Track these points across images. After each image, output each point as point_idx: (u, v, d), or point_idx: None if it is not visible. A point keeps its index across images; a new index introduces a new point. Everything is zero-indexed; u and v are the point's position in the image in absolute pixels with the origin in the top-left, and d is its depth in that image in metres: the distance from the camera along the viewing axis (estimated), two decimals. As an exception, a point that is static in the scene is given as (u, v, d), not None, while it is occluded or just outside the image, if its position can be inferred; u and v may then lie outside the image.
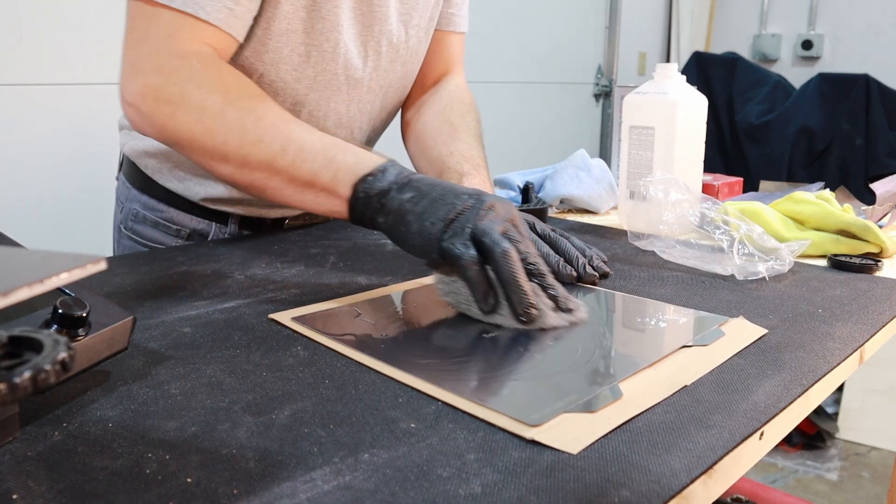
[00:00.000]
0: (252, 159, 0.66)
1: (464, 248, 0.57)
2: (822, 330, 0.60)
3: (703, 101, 0.96)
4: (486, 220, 0.58)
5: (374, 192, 0.62)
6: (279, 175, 0.66)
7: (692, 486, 0.37)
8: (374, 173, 0.63)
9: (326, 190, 0.65)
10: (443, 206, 0.59)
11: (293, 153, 0.66)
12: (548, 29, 2.73)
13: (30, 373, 0.29)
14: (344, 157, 0.65)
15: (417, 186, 0.62)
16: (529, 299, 0.56)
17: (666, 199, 0.85)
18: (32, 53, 1.39)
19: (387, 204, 0.62)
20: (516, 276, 0.56)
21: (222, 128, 0.67)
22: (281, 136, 0.66)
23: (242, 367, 0.50)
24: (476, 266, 0.57)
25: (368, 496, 0.35)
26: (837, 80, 2.64)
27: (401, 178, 0.63)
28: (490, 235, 0.57)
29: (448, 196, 0.60)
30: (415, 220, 0.60)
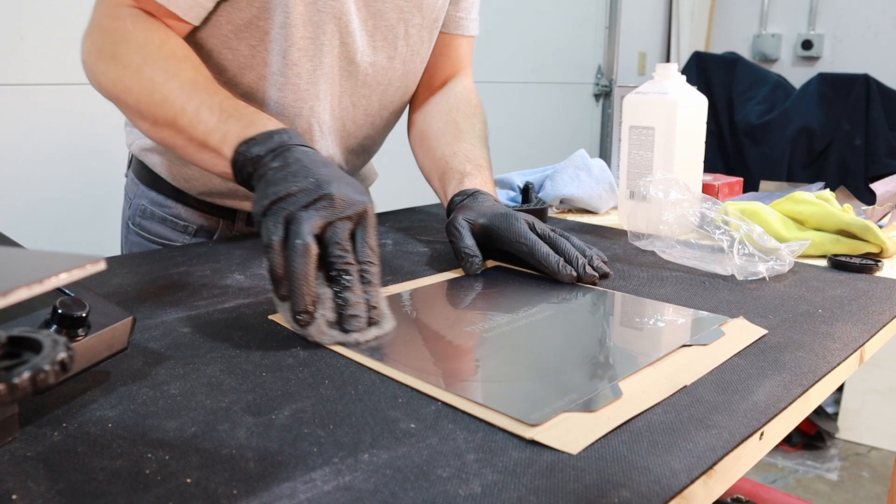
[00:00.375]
0: (159, 117, 0.70)
1: (273, 228, 0.55)
2: (822, 330, 0.60)
3: (703, 101, 0.96)
4: (310, 210, 0.56)
5: (250, 157, 0.64)
6: (181, 134, 0.69)
7: (692, 486, 0.37)
8: (256, 138, 0.64)
9: (216, 151, 0.67)
10: (284, 183, 0.58)
11: (191, 113, 0.68)
12: (548, 29, 2.73)
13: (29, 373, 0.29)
14: (236, 121, 0.67)
15: (286, 157, 0.62)
16: (304, 305, 0.53)
17: (666, 199, 0.85)
18: (33, 53, 1.39)
19: (258, 169, 0.63)
20: (298, 275, 0.53)
21: (136, 86, 0.71)
22: (184, 96, 0.69)
23: (242, 367, 0.50)
24: (276, 251, 0.54)
25: (368, 496, 0.35)
26: (837, 80, 2.64)
27: (281, 147, 0.63)
28: (298, 225, 0.55)
29: (298, 175, 0.59)
30: (262, 189, 0.60)
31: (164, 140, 0.72)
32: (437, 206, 1.15)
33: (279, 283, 0.54)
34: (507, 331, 0.58)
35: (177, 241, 0.92)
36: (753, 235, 0.77)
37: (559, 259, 0.70)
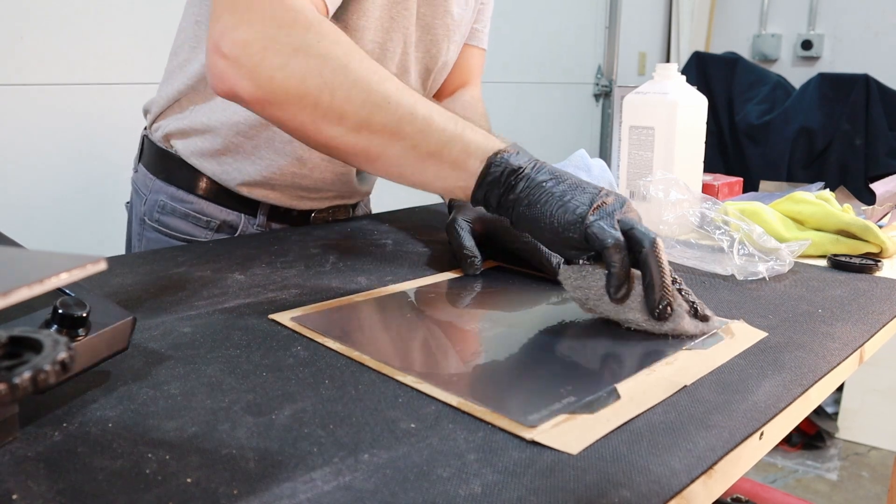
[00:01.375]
0: (375, 121, 0.62)
1: (614, 232, 0.55)
2: (822, 330, 0.60)
3: (703, 101, 0.96)
4: (629, 215, 0.58)
5: (510, 169, 0.60)
6: (403, 142, 0.62)
7: (692, 486, 0.37)
8: (508, 150, 0.62)
9: (454, 163, 0.62)
10: (586, 193, 0.58)
11: (422, 120, 0.62)
12: (548, 29, 2.73)
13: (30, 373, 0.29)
14: (473, 133, 0.63)
15: (552, 171, 0.61)
16: (669, 296, 0.54)
17: (666, 199, 0.85)
18: (33, 53, 1.39)
19: (519, 183, 0.60)
20: (663, 270, 0.54)
21: (345, 83, 0.61)
22: (409, 100, 0.63)
23: (242, 367, 0.50)
24: (623, 252, 0.55)
25: (368, 496, 0.35)
26: (837, 80, 2.64)
27: (532, 161, 0.62)
28: (639, 227, 0.56)
29: (587, 186, 0.59)
30: (556, 200, 0.58)
31: (369, 148, 0.63)
32: (437, 206, 1.15)
33: (621, 286, 0.55)
34: (507, 331, 0.58)
35: (199, 237, 0.90)
36: (753, 235, 0.77)
37: (560, 260, 0.70)
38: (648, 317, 0.55)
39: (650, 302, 0.55)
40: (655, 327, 0.56)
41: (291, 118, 0.63)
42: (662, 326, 0.55)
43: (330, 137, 0.63)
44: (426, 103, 0.64)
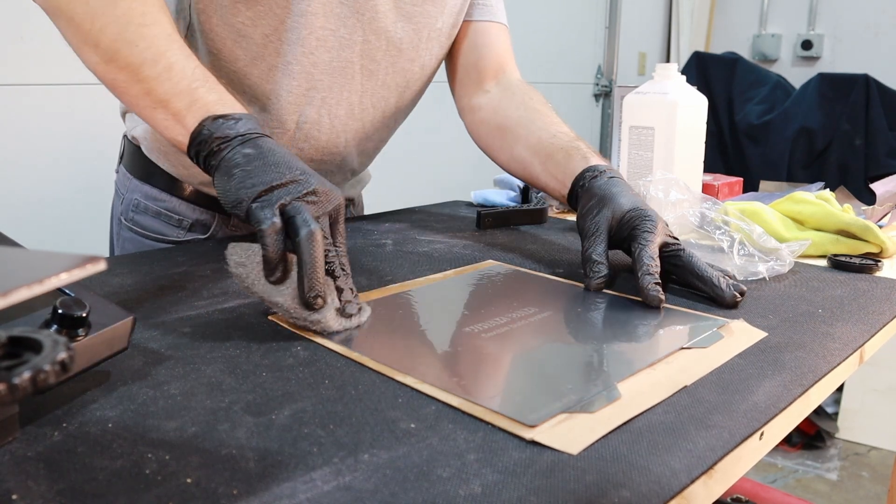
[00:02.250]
0: (121, 57, 0.65)
1: (269, 213, 0.56)
2: (822, 330, 0.60)
3: (703, 101, 0.96)
4: (303, 202, 0.58)
5: (217, 136, 0.62)
6: (140, 84, 0.65)
7: (692, 486, 0.37)
8: (226, 117, 0.63)
9: (176, 115, 0.64)
10: (270, 173, 0.59)
11: (161, 68, 0.65)
12: (548, 29, 2.73)
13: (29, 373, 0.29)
14: (206, 92, 0.65)
15: (260, 146, 0.61)
16: (319, 288, 0.55)
17: (666, 199, 0.85)
18: (33, 53, 1.39)
19: (222, 150, 0.61)
20: (314, 260, 0.55)
21: (106, 15, 0.65)
22: (158, 47, 0.65)
23: (242, 367, 0.50)
24: (276, 235, 0.56)
25: (368, 496, 0.35)
26: (837, 80, 2.64)
27: (250, 133, 0.62)
28: (302, 214, 0.56)
29: (281, 166, 0.60)
30: (240, 175, 0.59)
31: (115, 83, 0.67)
32: (437, 206, 1.15)
33: (274, 268, 0.56)
34: (507, 331, 0.58)
35: (171, 236, 0.90)
36: (753, 235, 0.77)
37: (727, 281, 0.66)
38: (297, 305, 0.56)
39: (300, 290, 0.55)
40: (301, 316, 0.56)
41: (64, 33, 0.69)
42: (309, 317, 0.55)
43: (89, 62, 0.68)
44: (179, 57, 0.66)
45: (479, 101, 0.95)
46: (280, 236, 0.56)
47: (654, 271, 0.65)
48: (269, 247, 0.55)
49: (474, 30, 0.95)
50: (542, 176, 0.84)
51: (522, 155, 0.87)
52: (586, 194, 0.75)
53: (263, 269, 0.56)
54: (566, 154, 0.81)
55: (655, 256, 0.66)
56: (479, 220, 0.99)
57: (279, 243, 0.56)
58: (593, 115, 3.08)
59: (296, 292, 0.56)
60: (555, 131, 0.85)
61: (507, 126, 0.90)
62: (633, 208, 0.71)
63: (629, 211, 0.71)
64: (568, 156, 0.80)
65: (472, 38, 0.95)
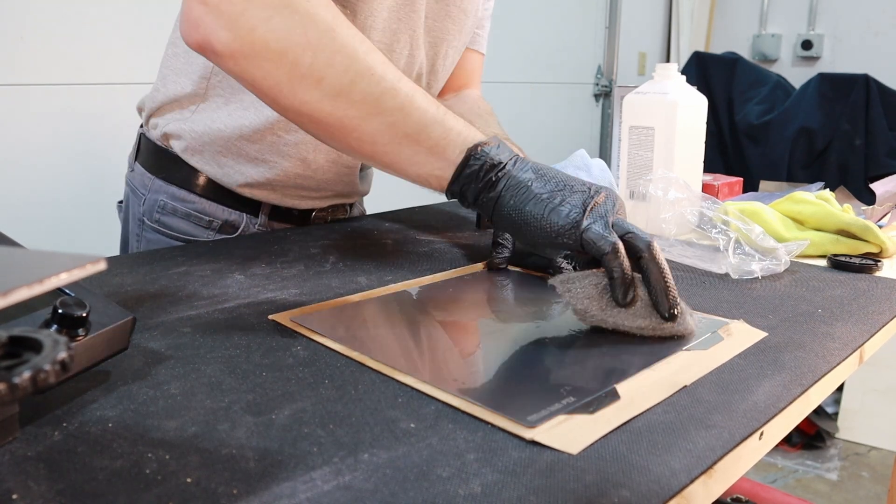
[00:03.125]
0: (356, 90, 0.58)
1: (611, 236, 0.54)
2: (822, 330, 0.60)
3: (703, 101, 0.96)
4: (620, 214, 0.56)
5: (490, 163, 0.57)
6: (381, 117, 0.58)
7: (692, 486, 0.37)
8: (489, 143, 0.59)
9: (433, 148, 0.59)
10: (575, 193, 0.56)
11: (404, 97, 0.58)
12: (548, 29, 2.73)
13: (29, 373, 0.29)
14: (455, 121, 0.60)
15: (535, 168, 0.58)
16: (677, 300, 0.53)
17: (665, 197, 0.85)
18: (33, 53, 1.39)
19: (503, 180, 0.57)
20: (666, 272, 0.53)
21: (330, 46, 0.58)
22: (393, 76, 0.59)
23: (242, 367, 0.50)
24: (622, 257, 0.53)
25: (368, 496, 0.35)
26: (837, 80, 2.64)
27: (514, 155, 0.59)
28: (635, 231, 0.54)
29: (575, 184, 0.57)
30: (545, 202, 0.56)
31: (343, 119, 0.59)
32: (437, 206, 1.15)
33: (628, 291, 0.54)
34: (507, 331, 0.58)
35: (200, 237, 0.89)
36: (752, 235, 0.77)
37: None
38: (656, 321, 0.55)
39: (661, 305, 0.54)
40: (662, 330, 0.55)
41: (266, 76, 0.59)
42: (668, 329, 0.55)
43: (304, 102, 0.60)
44: (410, 83, 0.60)
45: None
46: (625, 257, 0.54)
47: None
48: (620, 271, 0.53)
49: None
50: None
51: None
52: None
53: (613, 294, 0.54)
54: None
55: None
56: (479, 220, 0.99)
57: (627, 264, 0.54)
58: (593, 115, 3.08)
59: (648, 310, 0.55)
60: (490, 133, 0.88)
61: None
62: None
63: None
64: None
65: None
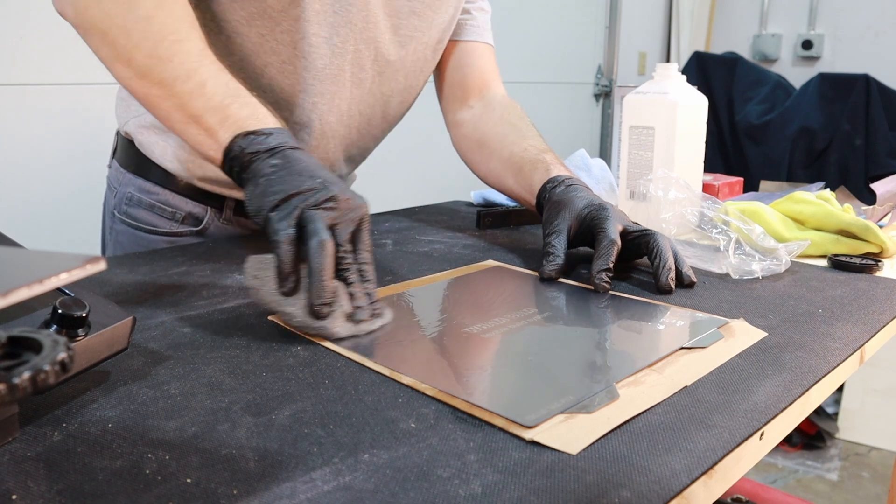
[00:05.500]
0: (154, 73, 0.67)
1: (284, 225, 0.57)
2: (822, 330, 0.60)
3: (703, 101, 0.96)
4: (320, 210, 0.58)
5: (249, 151, 0.63)
6: (173, 99, 0.67)
7: (692, 486, 0.37)
8: (258, 132, 0.64)
9: (208, 131, 0.66)
10: (292, 181, 0.60)
11: (194, 84, 0.66)
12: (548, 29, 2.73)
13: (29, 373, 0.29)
14: (238, 108, 0.66)
15: (287, 156, 0.63)
16: (325, 297, 0.55)
17: (665, 197, 0.85)
18: (33, 53, 1.39)
19: (252, 164, 0.63)
20: (322, 269, 0.55)
21: (141, 32, 0.67)
22: (191, 63, 0.67)
23: (242, 367, 0.50)
24: (288, 245, 0.56)
25: (368, 496, 0.35)
26: (837, 80, 2.64)
27: (280, 147, 0.64)
28: (314, 223, 0.57)
29: (304, 174, 0.61)
30: (263, 185, 0.61)
31: (147, 97, 0.69)
32: (437, 206, 1.15)
33: (286, 279, 0.56)
34: (506, 332, 0.58)
35: (164, 228, 0.91)
36: (753, 235, 0.77)
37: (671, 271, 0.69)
38: (304, 312, 0.55)
39: (308, 299, 0.55)
40: (310, 324, 0.55)
41: (97, 50, 0.70)
42: (314, 324, 0.55)
43: (121, 77, 0.70)
44: (211, 73, 0.67)
45: (463, 117, 0.99)
46: (292, 247, 0.57)
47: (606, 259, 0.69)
48: (282, 257, 0.56)
49: (461, 49, 0.99)
50: (515, 188, 0.89)
51: (497, 168, 0.92)
52: (548, 204, 0.80)
53: (276, 280, 0.56)
54: (532, 166, 0.86)
55: (614, 238, 0.70)
56: (479, 220, 0.99)
57: (291, 254, 0.56)
58: (593, 115, 3.08)
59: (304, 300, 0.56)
60: (526, 145, 0.89)
61: (485, 141, 0.94)
62: (588, 205, 0.76)
63: (584, 208, 0.76)
64: (534, 168, 0.85)
65: (459, 57, 0.99)
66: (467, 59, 0.99)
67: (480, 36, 1.00)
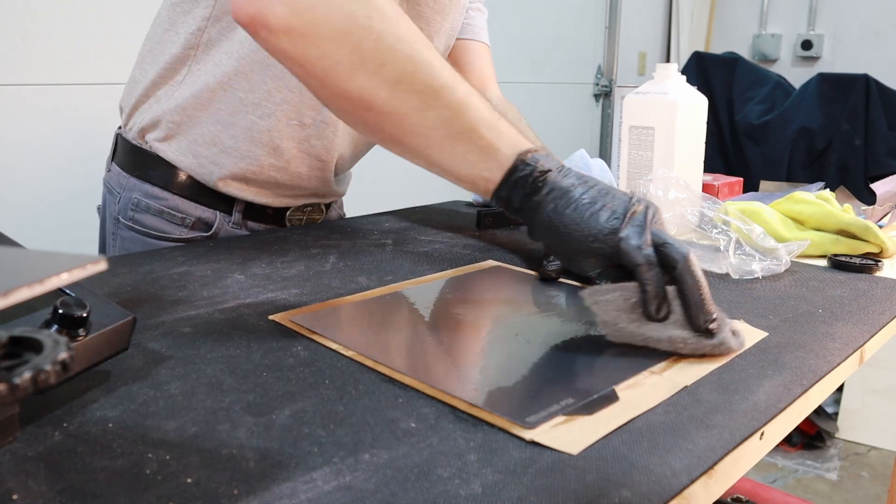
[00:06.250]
0: (416, 80, 0.57)
1: (644, 247, 0.53)
2: (822, 330, 0.60)
3: (703, 101, 0.96)
4: (657, 226, 0.55)
5: (539, 170, 0.57)
6: (437, 110, 0.57)
7: (692, 486, 0.37)
8: (539, 150, 0.58)
9: (484, 149, 0.58)
10: (616, 199, 0.55)
11: (462, 94, 0.57)
12: (548, 29, 2.73)
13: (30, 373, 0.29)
14: (507, 126, 0.59)
15: (578, 176, 0.58)
16: (714, 312, 0.51)
17: (665, 197, 0.85)
18: (33, 54, 1.39)
19: (547, 185, 0.57)
20: (702, 284, 0.51)
21: (392, 33, 0.56)
22: (450, 72, 0.58)
23: (242, 367, 0.50)
24: (655, 269, 0.52)
25: (368, 496, 0.35)
26: (837, 80, 2.64)
27: (560, 165, 0.59)
28: (672, 242, 0.53)
29: (616, 192, 0.56)
30: (585, 207, 0.55)
31: (398, 108, 0.58)
32: (437, 206, 1.15)
33: (661, 304, 0.53)
34: (507, 332, 0.58)
35: (174, 234, 0.90)
36: (753, 235, 0.77)
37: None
38: (690, 335, 0.52)
39: (694, 320, 0.52)
40: (700, 345, 0.52)
41: (325, 55, 0.56)
42: (708, 343, 0.52)
43: (362, 86, 0.57)
44: (466, 84, 0.60)
45: None
46: (658, 269, 0.53)
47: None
48: (652, 282, 0.52)
49: (459, 48, 0.99)
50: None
51: None
52: None
53: (645, 309, 0.53)
54: None
55: None
56: (479, 220, 0.99)
57: (659, 277, 0.53)
58: (593, 115, 3.08)
59: (683, 323, 0.52)
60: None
61: None
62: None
63: None
64: None
65: (457, 55, 0.99)
66: (465, 57, 0.99)
67: (478, 35, 1.00)
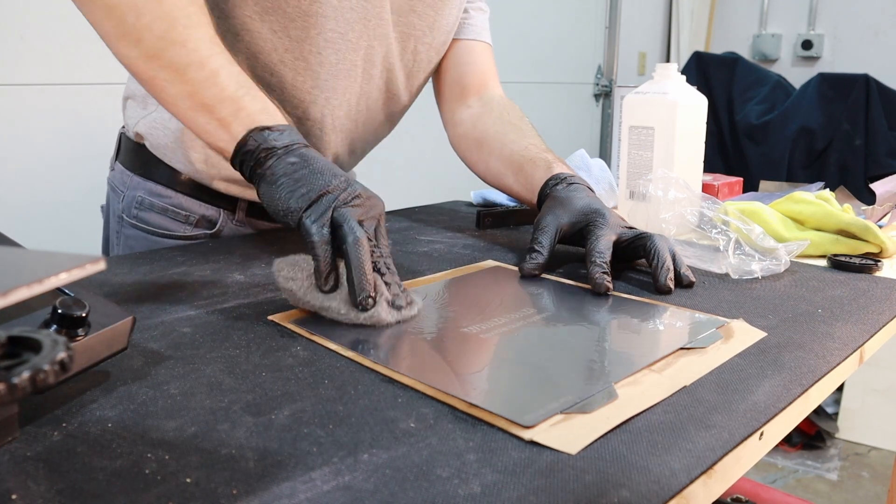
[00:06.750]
0: (166, 56, 0.65)
1: (319, 227, 0.59)
2: (822, 330, 0.60)
3: (703, 101, 0.96)
4: (348, 207, 0.60)
5: (264, 147, 0.64)
6: (183, 85, 0.66)
7: (692, 486, 0.37)
8: (273, 129, 0.65)
9: (222, 122, 0.66)
10: (318, 180, 0.61)
11: (208, 72, 0.66)
12: (548, 29, 2.73)
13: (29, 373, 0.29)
14: (251, 101, 0.66)
15: (303, 155, 0.64)
16: (370, 289, 0.57)
17: (665, 197, 0.85)
18: (33, 53, 1.39)
19: (268, 161, 0.63)
20: (362, 263, 0.57)
21: (153, 11, 0.65)
22: (204, 50, 0.66)
23: (242, 367, 0.50)
24: (326, 246, 0.58)
25: (368, 496, 0.35)
26: (837, 80, 2.64)
27: (294, 144, 0.65)
28: (348, 222, 0.59)
29: (326, 173, 0.62)
30: (287, 184, 0.62)
31: (153, 80, 0.67)
32: (437, 206, 1.15)
33: (327, 277, 0.58)
34: (505, 331, 0.58)
35: (178, 232, 0.90)
36: (752, 235, 0.77)
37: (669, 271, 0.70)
38: (350, 307, 0.58)
39: (351, 294, 0.57)
40: (355, 317, 0.57)
41: (98, 24, 0.67)
42: (361, 315, 0.57)
43: (124, 56, 0.67)
44: (223, 62, 0.67)
45: (462, 116, 0.99)
46: (329, 247, 0.59)
47: (600, 262, 0.70)
48: (321, 258, 0.58)
49: (459, 47, 0.99)
50: (515, 186, 0.90)
51: (497, 167, 0.92)
52: (546, 200, 0.81)
53: (315, 281, 0.59)
54: (534, 165, 0.86)
55: (605, 249, 0.71)
56: (479, 220, 0.99)
57: (329, 253, 0.59)
58: (593, 115, 3.08)
59: (347, 296, 0.58)
60: (526, 143, 0.90)
61: (484, 139, 0.95)
62: (586, 207, 0.76)
63: (581, 210, 0.76)
64: (535, 166, 0.85)
65: (457, 55, 0.99)
66: (466, 57, 0.99)
67: (479, 35, 1.00)
